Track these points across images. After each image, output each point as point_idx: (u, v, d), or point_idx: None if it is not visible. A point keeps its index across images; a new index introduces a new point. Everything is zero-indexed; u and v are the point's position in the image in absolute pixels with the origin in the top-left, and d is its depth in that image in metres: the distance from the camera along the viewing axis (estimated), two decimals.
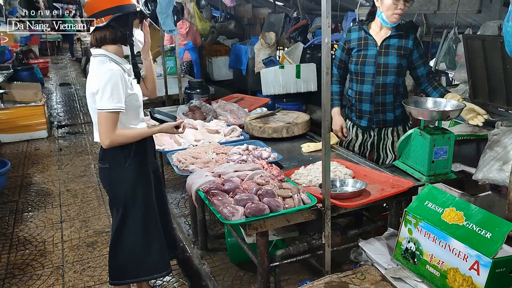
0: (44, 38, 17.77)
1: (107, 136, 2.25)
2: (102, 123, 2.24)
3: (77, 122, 7.70)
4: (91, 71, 2.34)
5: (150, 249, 2.58)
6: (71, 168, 5.38)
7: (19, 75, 8.40)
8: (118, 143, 2.32)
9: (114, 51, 2.35)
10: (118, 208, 2.49)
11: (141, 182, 2.49)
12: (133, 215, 2.50)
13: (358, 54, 3.09)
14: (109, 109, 2.22)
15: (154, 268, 2.61)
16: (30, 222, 4.02)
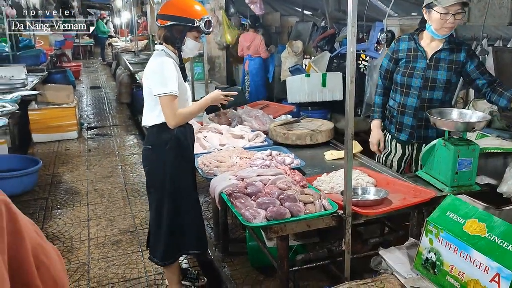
0: (77, 42, 18.33)
1: (171, 117, 2.56)
2: (165, 106, 2.55)
3: (106, 125, 7.90)
4: (149, 62, 2.71)
5: (189, 227, 2.81)
6: (99, 169, 5.53)
7: (53, 78, 8.69)
8: (181, 122, 2.65)
9: (170, 49, 2.69)
10: (156, 190, 2.72)
11: (180, 165, 2.71)
12: (169, 197, 2.71)
13: (406, 65, 2.93)
14: (168, 93, 2.52)
15: (193, 245, 2.87)
16: (58, 219, 4.15)
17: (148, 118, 2.68)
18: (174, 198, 2.73)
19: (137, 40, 11.29)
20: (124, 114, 8.77)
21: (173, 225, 2.76)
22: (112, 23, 21.48)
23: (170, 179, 2.69)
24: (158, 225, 2.76)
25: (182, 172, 2.74)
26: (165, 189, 2.71)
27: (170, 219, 2.74)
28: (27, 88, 6.01)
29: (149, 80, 2.62)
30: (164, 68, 2.55)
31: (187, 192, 2.80)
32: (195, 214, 2.87)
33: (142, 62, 9.09)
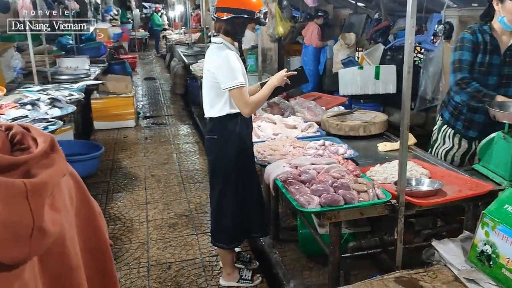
0: (133, 35, 19.00)
1: (245, 106, 2.69)
2: (236, 98, 2.67)
3: (161, 114, 8.20)
4: (208, 55, 2.81)
5: (254, 211, 2.96)
6: (155, 156, 5.79)
7: (112, 69, 9.11)
8: (255, 109, 2.84)
9: (229, 41, 2.77)
10: (220, 176, 2.87)
11: (242, 155, 2.83)
12: (233, 184, 2.85)
13: (482, 61, 2.79)
14: (237, 85, 2.63)
15: (257, 228, 3.04)
16: (119, 201, 4.41)
17: (212, 110, 2.80)
18: (239, 184, 2.86)
19: (191, 33, 11.58)
20: (178, 104, 9.06)
21: (239, 210, 2.90)
22: (166, 16, 22.06)
23: (235, 166, 2.82)
24: (223, 211, 2.90)
25: (245, 159, 2.87)
26: (230, 176, 2.84)
27: (236, 204, 2.88)
28: (90, 78, 6.37)
29: (214, 74, 2.70)
30: (230, 61, 2.64)
31: (251, 177, 2.93)
32: (258, 198, 3.02)
33: (196, 54, 9.33)
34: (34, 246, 0.67)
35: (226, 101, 2.75)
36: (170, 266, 3.30)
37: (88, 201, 0.94)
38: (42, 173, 0.70)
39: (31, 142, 0.75)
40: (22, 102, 4.18)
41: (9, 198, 0.63)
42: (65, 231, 0.81)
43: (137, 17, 22.55)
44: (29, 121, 3.52)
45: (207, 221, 3.94)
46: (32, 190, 0.66)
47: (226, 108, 2.76)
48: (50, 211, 0.71)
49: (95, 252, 0.93)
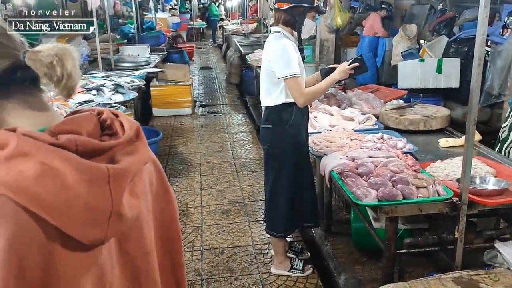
0: (191, 25, 19.36)
1: (299, 96, 2.69)
2: (292, 87, 2.68)
3: (216, 103, 8.34)
4: (266, 44, 2.84)
5: (307, 200, 2.98)
6: (210, 144, 5.91)
7: (171, 57, 9.35)
8: (310, 100, 2.86)
9: (288, 31, 2.77)
10: (274, 165, 2.90)
11: (298, 142, 2.85)
12: (287, 173, 2.87)
13: None
14: (292, 74, 2.64)
15: (309, 218, 3.05)
16: (175, 186, 4.55)
17: (268, 99, 2.82)
18: (293, 174, 2.88)
19: (247, 23, 11.63)
20: (233, 94, 9.16)
21: (292, 199, 2.92)
22: (223, 7, 22.27)
23: (289, 156, 2.84)
24: (277, 200, 2.93)
25: (300, 148, 2.88)
26: (283, 165, 2.86)
27: (289, 193, 2.90)
28: (150, 66, 6.58)
29: (271, 63, 2.73)
30: (286, 50, 2.65)
31: (305, 167, 2.94)
32: (312, 188, 3.03)
33: (252, 44, 9.37)
34: (111, 229, 0.70)
35: (282, 90, 2.76)
36: (223, 251, 3.38)
37: (167, 189, 0.97)
38: (125, 160, 0.73)
39: (119, 128, 0.79)
40: (88, 87, 4.40)
41: (93, 182, 0.67)
42: (142, 216, 0.85)
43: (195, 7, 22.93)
44: (94, 105, 3.70)
45: (259, 210, 3.99)
46: (114, 176, 0.69)
47: (281, 97, 2.78)
48: (129, 197, 0.74)
49: (167, 239, 0.96)
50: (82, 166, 0.66)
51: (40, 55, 0.74)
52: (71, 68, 0.76)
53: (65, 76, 0.76)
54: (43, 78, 0.76)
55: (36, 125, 0.75)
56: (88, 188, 0.66)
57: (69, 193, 0.65)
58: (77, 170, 0.65)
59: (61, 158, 0.65)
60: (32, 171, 0.63)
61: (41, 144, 0.65)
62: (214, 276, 3.09)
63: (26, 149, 0.64)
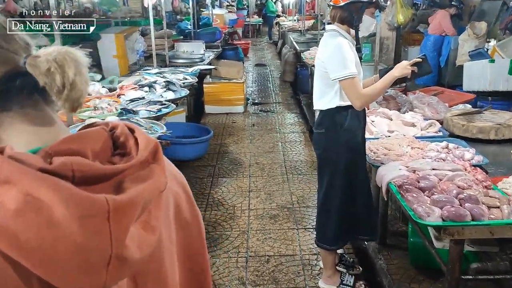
0: (247, 21, 19.36)
1: (357, 98, 2.49)
2: (347, 89, 2.48)
3: (269, 102, 8.20)
4: (321, 43, 2.66)
5: (362, 211, 2.77)
6: (261, 143, 5.78)
7: (225, 54, 9.32)
8: (368, 102, 2.64)
9: (344, 29, 2.58)
10: (327, 172, 2.72)
11: (352, 151, 2.64)
12: (340, 181, 2.68)
13: None
14: (348, 75, 2.44)
15: (365, 231, 2.84)
16: (223, 186, 4.46)
17: (321, 102, 2.64)
18: (347, 181, 2.68)
19: (304, 20, 11.39)
20: (287, 92, 8.99)
21: (346, 209, 2.72)
22: (280, 3, 22.09)
23: (343, 163, 2.64)
24: (328, 209, 2.75)
25: (355, 155, 2.67)
26: (338, 173, 2.67)
27: (343, 203, 2.70)
28: (204, 63, 6.54)
29: (324, 63, 2.55)
30: (341, 49, 2.46)
31: (361, 175, 2.73)
32: (368, 198, 2.81)
33: (308, 41, 9.15)
34: (112, 276, 0.56)
35: (336, 93, 2.57)
36: (269, 259, 3.23)
37: (196, 216, 0.84)
38: (133, 188, 0.59)
39: (133, 147, 0.65)
40: (141, 84, 4.40)
41: (87, 218, 0.52)
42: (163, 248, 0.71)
43: (252, 3, 22.93)
44: (145, 103, 3.66)
45: (308, 216, 3.81)
46: (116, 210, 0.55)
47: (335, 99, 2.58)
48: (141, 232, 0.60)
49: (195, 273, 0.84)
50: (74, 198, 0.52)
51: (38, 61, 0.62)
52: (74, 76, 0.63)
53: (66, 86, 0.63)
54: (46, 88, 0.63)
55: (34, 143, 0.62)
56: (80, 226, 0.52)
57: (56, 232, 0.50)
58: (68, 202, 0.51)
59: (48, 187, 0.51)
60: (13, 203, 0.50)
61: (27, 170, 0.52)
62: (258, 286, 2.95)
63: (10, 175, 0.51)
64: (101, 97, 3.79)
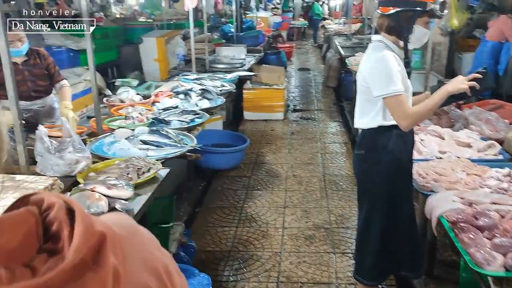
0: (292, 24, 19.11)
1: (403, 118, 2.20)
2: (392, 108, 2.22)
3: (310, 108, 7.91)
4: (365, 56, 2.40)
5: (404, 244, 2.48)
6: (300, 154, 5.51)
7: (267, 58, 9.12)
8: (416, 122, 2.36)
9: (392, 40, 2.32)
10: (367, 199, 2.46)
11: (394, 176, 2.36)
12: (380, 209, 2.41)
13: None
14: (393, 92, 2.17)
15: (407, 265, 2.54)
16: (257, 200, 4.24)
17: (362, 120, 2.37)
18: (389, 210, 2.39)
19: (350, 23, 11.02)
20: (330, 98, 8.67)
21: (387, 241, 2.43)
22: (327, 6, 21.69)
23: (385, 190, 2.35)
24: (367, 239, 2.47)
25: (399, 181, 2.37)
26: (377, 201, 2.38)
27: (383, 234, 2.42)
28: (244, 69, 6.36)
29: (367, 79, 2.27)
30: (386, 63, 2.18)
31: (405, 204, 2.42)
32: (411, 229, 2.50)
33: (354, 46, 8.79)
34: None
35: (379, 111, 2.28)
36: (302, 286, 2.98)
37: None
38: None
39: (67, 240, 0.44)
40: (177, 91, 4.26)
41: None
42: None
43: (298, 6, 22.65)
44: (178, 112, 3.50)
45: (347, 239, 3.52)
46: None
47: (378, 118, 2.30)
48: None
49: None
50: None
51: None
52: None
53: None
54: None
55: None
56: None
57: None
58: None
59: None
60: None
61: None
62: None
63: None
64: (134, 105, 3.67)
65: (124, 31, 8.29)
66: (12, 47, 3.00)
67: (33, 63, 3.18)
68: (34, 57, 3.19)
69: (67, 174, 2.33)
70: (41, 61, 3.21)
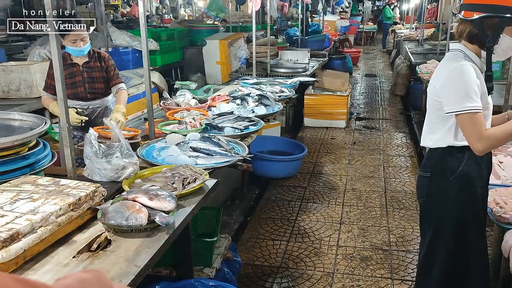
0: (361, 28, 18.59)
1: (478, 140, 1.94)
2: (465, 127, 1.96)
3: (375, 117, 7.54)
4: (439, 65, 2.15)
5: (473, 282, 2.16)
6: (360, 166, 5.22)
7: (332, 63, 8.86)
8: (493, 146, 2.03)
9: (473, 50, 2.04)
10: (430, 228, 2.18)
11: (465, 204, 2.07)
12: (446, 240, 2.13)
13: None
14: (468, 109, 1.90)
15: None
16: (312, 214, 4.03)
17: (430, 138, 2.10)
18: (456, 243, 2.09)
19: (423, 28, 10.44)
20: (396, 107, 8.23)
21: (451, 279, 2.15)
22: (398, 9, 20.87)
23: (452, 219, 2.07)
24: (429, 274, 2.19)
25: (469, 211, 2.07)
26: (443, 231, 2.10)
27: (448, 270, 2.13)
28: (307, 74, 6.16)
29: (438, 91, 2.00)
30: (463, 75, 1.90)
31: (475, 237, 2.11)
32: (482, 267, 2.17)
33: (425, 53, 8.30)
34: None
35: (450, 129, 2.01)
36: None
37: None
38: None
39: None
40: (234, 95, 4.16)
41: None
42: None
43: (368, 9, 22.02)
44: (233, 119, 3.38)
45: (407, 264, 3.22)
46: None
47: (448, 137, 2.02)
48: None
49: None
50: None
51: None
52: None
53: None
54: None
55: None
56: None
57: None
58: None
59: None
60: None
61: None
62: None
63: None
64: (189, 109, 3.60)
65: (189, 33, 8.39)
66: (75, 46, 3.06)
67: (93, 65, 3.19)
68: (94, 59, 3.20)
69: (113, 179, 2.28)
70: (101, 64, 3.22)
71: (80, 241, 1.78)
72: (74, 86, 3.14)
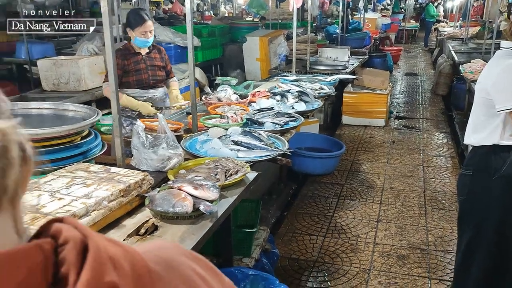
0: (402, 26, 18.20)
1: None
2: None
3: (415, 116, 7.41)
4: (489, 63, 2.19)
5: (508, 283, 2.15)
6: (399, 165, 5.16)
7: (372, 61, 8.75)
8: None
9: None
10: (469, 228, 2.19)
11: (507, 205, 2.06)
12: (487, 240, 2.12)
13: None
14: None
15: None
16: (349, 211, 4.04)
17: (475, 136, 2.09)
18: (496, 247, 2.08)
19: (468, 26, 10.13)
20: (437, 107, 8.05)
21: (490, 278, 2.13)
22: (442, 7, 20.30)
23: (494, 220, 2.06)
24: (468, 272, 2.18)
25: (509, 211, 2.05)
26: (483, 233, 2.09)
27: (486, 273, 2.12)
28: (346, 71, 6.13)
29: (489, 89, 1.99)
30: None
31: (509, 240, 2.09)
32: None
33: (470, 51, 8.07)
34: None
35: (498, 127, 1.99)
36: None
37: None
38: None
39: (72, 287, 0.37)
40: (274, 92, 4.21)
41: None
42: None
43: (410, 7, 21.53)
44: (273, 114, 3.44)
45: (446, 264, 3.18)
46: None
47: (494, 136, 2.01)
48: None
49: None
50: None
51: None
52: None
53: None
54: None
55: None
56: None
57: None
58: None
59: None
60: None
61: None
62: None
63: None
64: (230, 104, 3.68)
65: (230, 29, 8.50)
66: (145, 37, 3.25)
67: (154, 56, 3.42)
68: (154, 51, 3.43)
69: (159, 169, 2.38)
70: (160, 55, 3.46)
71: (129, 225, 1.89)
72: (138, 73, 3.33)
